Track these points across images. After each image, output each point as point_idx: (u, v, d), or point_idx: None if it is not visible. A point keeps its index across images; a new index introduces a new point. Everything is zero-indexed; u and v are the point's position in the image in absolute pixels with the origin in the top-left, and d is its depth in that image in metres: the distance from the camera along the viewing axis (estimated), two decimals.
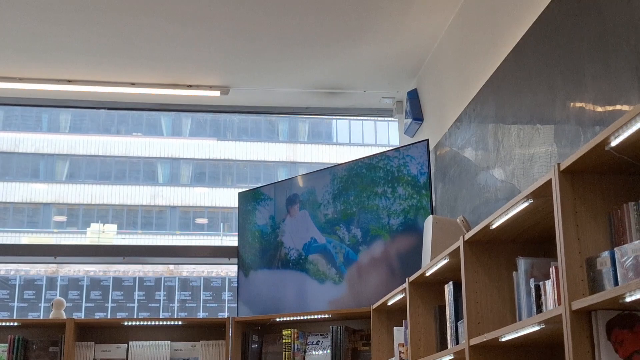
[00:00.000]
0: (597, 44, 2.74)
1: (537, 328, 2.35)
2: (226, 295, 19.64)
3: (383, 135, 24.80)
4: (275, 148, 25.83)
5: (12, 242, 19.21)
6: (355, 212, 4.88)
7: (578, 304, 2.02)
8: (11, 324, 4.82)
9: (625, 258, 1.89)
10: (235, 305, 5.31)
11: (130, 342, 4.76)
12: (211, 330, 4.86)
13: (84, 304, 18.85)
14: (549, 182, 2.18)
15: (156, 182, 25.42)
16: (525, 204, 2.40)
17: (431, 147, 4.77)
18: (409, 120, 5.33)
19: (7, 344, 4.64)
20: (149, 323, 4.88)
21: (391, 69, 5.36)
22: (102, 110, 6.10)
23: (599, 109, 2.73)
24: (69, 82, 5.43)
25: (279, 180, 5.86)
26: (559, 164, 2.13)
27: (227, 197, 24.85)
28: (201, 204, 25.05)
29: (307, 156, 25.47)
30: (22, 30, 4.77)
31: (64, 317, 4.86)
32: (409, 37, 4.84)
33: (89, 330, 4.84)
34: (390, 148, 5.01)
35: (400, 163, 4.72)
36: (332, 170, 5.16)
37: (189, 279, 19.95)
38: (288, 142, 26.16)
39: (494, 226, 2.67)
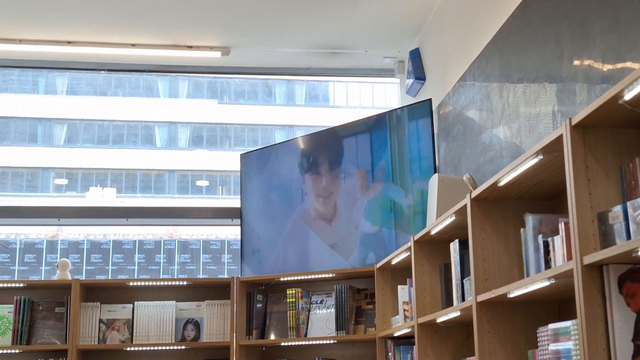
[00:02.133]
0: None
1: (546, 283, 2.35)
2: (225, 258, 19.73)
3: (380, 97, 24.71)
4: (273, 111, 25.74)
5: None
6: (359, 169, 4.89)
7: (590, 259, 2.03)
8: (16, 285, 4.84)
9: (638, 212, 1.89)
10: (235, 267, 5.34)
11: (136, 302, 4.78)
12: (216, 290, 4.88)
13: (84, 267, 18.95)
14: (560, 137, 2.17)
15: (154, 145, 25.36)
16: (535, 160, 2.39)
17: (434, 106, 4.75)
18: (411, 80, 5.30)
19: (13, 305, 4.66)
20: (154, 283, 4.90)
21: (393, 28, 5.32)
22: (100, 74, 6.08)
23: (608, 65, 2.71)
24: (69, 43, 5.39)
25: (277, 142, 5.85)
26: (570, 119, 2.12)
27: (225, 160, 24.82)
28: (199, 168, 25.03)
29: (305, 119, 25.40)
30: None
31: (69, 278, 4.88)
32: None
33: (95, 290, 4.87)
34: (392, 108, 4.99)
35: (403, 122, 4.71)
36: (334, 130, 5.14)
37: (189, 242, 20.03)
38: (285, 105, 26.07)
39: (502, 183, 2.67)
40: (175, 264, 19.68)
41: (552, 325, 2.37)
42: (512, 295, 2.61)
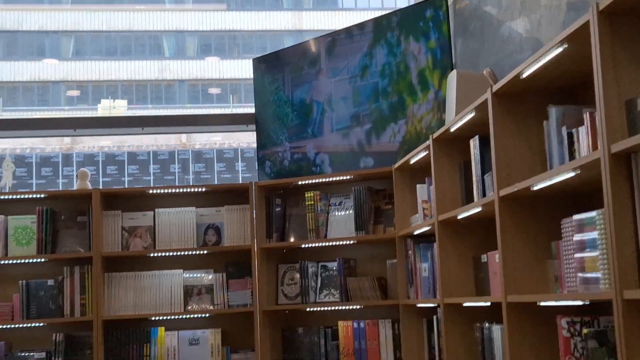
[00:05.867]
0: None
1: (571, 174, 2.34)
2: (239, 166, 19.79)
3: None
4: (280, 16, 25.37)
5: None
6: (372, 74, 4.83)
7: (617, 147, 2.00)
8: (37, 195, 4.88)
9: None
10: (248, 174, 5.35)
11: (157, 210, 4.82)
12: (234, 195, 4.90)
13: (101, 179, 19.11)
14: (586, 24, 2.12)
15: (163, 55, 25.15)
16: (559, 49, 2.34)
17: (450, 1, 4.63)
18: None
19: (35, 216, 4.70)
20: (174, 190, 4.92)
21: None
22: None
23: None
24: None
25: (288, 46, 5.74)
26: (597, 4, 2.06)
27: (235, 69, 24.64)
28: (209, 77, 24.88)
29: (313, 23, 25.03)
30: None
31: (90, 187, 4.91)
32: None
33: (115, 199, 4.89)
34: (406, 5, 4.87)
35: (418, 18, 4.61)
36: (345, 31, 5.05)
37: (202, 151, 20.08)
38: (293, 10, 25.67)
39: (524, 75, 2.62)
40: (190, 173, 19.78)
41: (576, 216, 2.37)
42: (536, 187, 2.60)
